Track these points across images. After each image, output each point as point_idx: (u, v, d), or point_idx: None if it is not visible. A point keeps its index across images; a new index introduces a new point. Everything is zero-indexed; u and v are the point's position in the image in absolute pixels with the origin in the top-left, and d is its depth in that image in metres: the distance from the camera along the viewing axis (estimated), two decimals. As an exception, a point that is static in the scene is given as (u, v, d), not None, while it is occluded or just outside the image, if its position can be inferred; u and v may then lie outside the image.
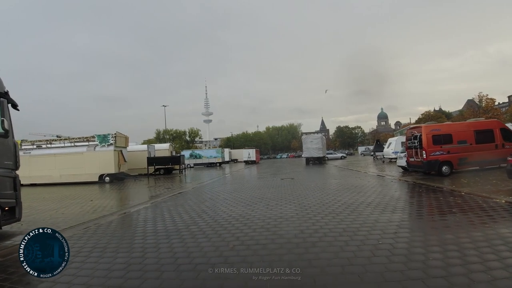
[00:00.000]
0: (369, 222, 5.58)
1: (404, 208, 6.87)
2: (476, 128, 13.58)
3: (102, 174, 21.94)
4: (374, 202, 7.64)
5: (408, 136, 14.57)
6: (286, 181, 14.84)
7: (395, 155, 26.60)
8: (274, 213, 6.90)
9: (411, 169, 14.59)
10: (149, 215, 7.91)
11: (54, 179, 22.66)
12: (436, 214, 6.19)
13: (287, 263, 3.76)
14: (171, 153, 29.39)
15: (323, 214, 6.54)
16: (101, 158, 22.01)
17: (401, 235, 4.74)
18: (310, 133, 75.20)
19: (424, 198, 8.04)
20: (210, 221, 6.58)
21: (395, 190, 10.02)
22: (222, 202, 9.18)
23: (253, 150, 54.21)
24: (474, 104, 61.59)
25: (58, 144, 24.30)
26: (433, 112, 79.21)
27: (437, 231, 4.96)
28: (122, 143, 22.83)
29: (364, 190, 9.85)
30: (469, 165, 13.42)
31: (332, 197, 8.87)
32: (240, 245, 4.66)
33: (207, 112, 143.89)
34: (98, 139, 22.11)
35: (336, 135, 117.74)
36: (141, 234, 5.83)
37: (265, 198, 9.31)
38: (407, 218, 5.95)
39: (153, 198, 11.22)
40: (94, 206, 9.97)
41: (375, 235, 4.77)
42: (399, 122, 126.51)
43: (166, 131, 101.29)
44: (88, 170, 22.16)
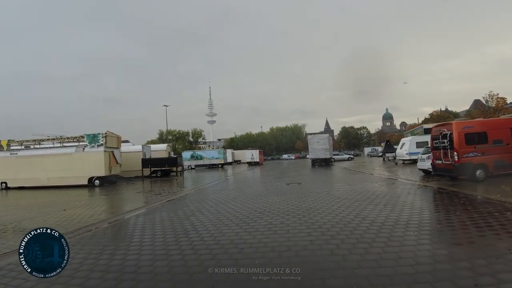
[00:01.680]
0: (424, 262, 3.66)
1: (455, 234, 4.94)
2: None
3: (91, 177, 20.25)
4: (413, 221, 5.70)
5: (434, 135, 12.53)
6: (293, 186, 12.94)
7: (409, 157, 24.61)
8: (278, 240, 4.99)
9: (437, 172, 12.60)
10: (117, 236, 6.09)
11: (42, 182, 21.04)
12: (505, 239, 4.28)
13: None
14: (169, 154, 27.63)
15: (349, 242, 4.61)
16: (90, 159, 20.30)
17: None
18: (316, 133, 73.10)
19: (475, 215, 6.05)
20: (188, 251, 4.69)
21: (429, 201, 8.10)
22: (212, 217, 7.31)
23: (256, 151, 52.34)
24: (482, 104, 60.29)
25: (47, 144, 22.73)
26: (440, 112, 76.63)
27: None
28: (114, 143, 21.09)
29: (391, 201, 7.91)
30: (506, 168, 11.38)
31: (353, 211, 6.95)
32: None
33: (211, 113, 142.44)
34: (88, 139, 20.40)
35: (341, 135, 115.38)
36: (92, 265, 3.99)
37: (267, 212, 7.42)
38: (480, 255, 4.01)
39: (133, 210, 9.39)
40: (62, 218, 8.24)
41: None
42: (405, 122, 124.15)
43: (169, 132, 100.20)
44: (77, 172, 20.47)
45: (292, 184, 13.93)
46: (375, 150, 68.26)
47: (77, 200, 12.84)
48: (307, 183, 14.33)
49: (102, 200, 12.54)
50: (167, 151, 28.16)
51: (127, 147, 26.27)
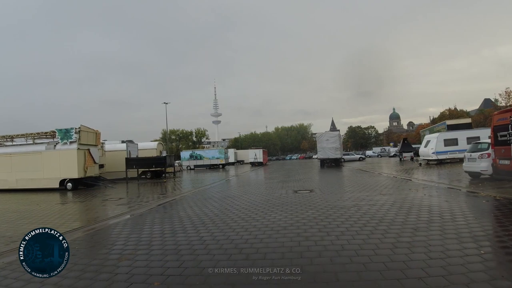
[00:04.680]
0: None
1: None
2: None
3: (63, 179, 17.26)
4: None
5: (499, 125, 9.08)
6: (303, 195, 9.64)
7: (436, 156, 21.14)
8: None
9: (501, 176, 9.24)
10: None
11: (10, 185, 18.17)
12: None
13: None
14: (160, 153, 24.53)
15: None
16: (62, 158, 17.30)
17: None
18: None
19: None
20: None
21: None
22: (173, 257, 4.11)
23: (260, 151, 49.00)
24: (492, 103, 57.95)
25: (20, 141, 19.82)
26: (451, 110, 72.44)
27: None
28: (90, 139, 18.04)
29: (478, 231, 4.63)
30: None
31: (428, 256, 3.69)
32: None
33: (216, 113, 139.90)
34: (59, 135, 17.40)
35: (348, 135, 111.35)
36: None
37: (260, 258, 4.18)
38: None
39: (80, 228, 6.26)
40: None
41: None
42: (412, 122, 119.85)
43: (172, 132, 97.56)
44: (48, 173, 17.50)
45: (301, 192, 10.63)
46: (384, 150, 64.86)
47: (27, 210, 9.83)
48: (321, 190, 10.98)
49: (54, 212, 9.37)
50: (158, 149, 24.99)
51: (112, 145, 23.24)
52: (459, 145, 20.62)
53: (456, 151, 20.53)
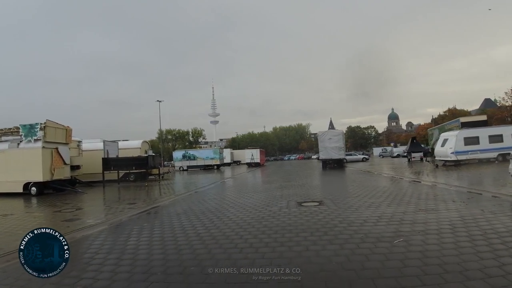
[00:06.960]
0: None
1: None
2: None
3: (28, 183, 14.77)
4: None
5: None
6: (310, 211, 7.19)
7: (456, 157, 18.82)
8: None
9: None
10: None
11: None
12: None
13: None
14: (145, 152, 22.06)
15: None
16: (26, 159, 14.82)
17: None
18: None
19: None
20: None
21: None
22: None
23: (257, 151, 46.65)
24: (492, 103, 57.22)
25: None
26: (452, 110, 70.49)
27: None
28: (59, 137, 15.55)
29: None
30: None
31: None
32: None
33: (214, 113, 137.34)
34: (23, 131, 14.92)
35: (347, 135, 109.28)
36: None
37: None
38: None
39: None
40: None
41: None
42: (411, 122, 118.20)
43: (169, 131, 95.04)
44: (10, 176, 14.99)
45: (307, 204, 8.16)
46: (385, 150, 63.03)
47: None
48: (333, 201, 8.36)
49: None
50: (143, 149, 22.48)
51: (90, 144, 20.75)
52: (481, 144, 18.36)
53: (478, 151, 18.27)
